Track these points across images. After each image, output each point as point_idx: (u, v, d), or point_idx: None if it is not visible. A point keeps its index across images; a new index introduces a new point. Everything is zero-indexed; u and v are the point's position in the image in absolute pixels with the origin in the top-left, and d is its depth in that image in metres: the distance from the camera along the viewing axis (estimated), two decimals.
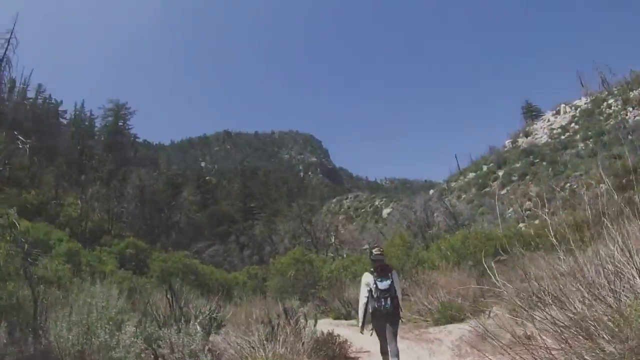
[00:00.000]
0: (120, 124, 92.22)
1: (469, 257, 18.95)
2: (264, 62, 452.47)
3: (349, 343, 10.73)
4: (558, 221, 23.91)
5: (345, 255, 35.90)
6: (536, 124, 61.12)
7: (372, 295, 7.84)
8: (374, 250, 8.48)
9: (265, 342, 8.24)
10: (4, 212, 8.54)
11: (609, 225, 5.62)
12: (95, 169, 61.24)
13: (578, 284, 5.30)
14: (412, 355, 10.14)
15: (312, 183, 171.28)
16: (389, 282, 7.83)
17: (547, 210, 26.74)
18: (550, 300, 5.59)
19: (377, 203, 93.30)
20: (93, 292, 7.91)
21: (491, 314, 10.42)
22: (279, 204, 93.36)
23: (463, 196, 53.40)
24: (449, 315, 12.78)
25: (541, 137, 55.43)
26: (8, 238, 7.87)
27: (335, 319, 19.35)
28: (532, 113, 72.56)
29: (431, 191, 61.98)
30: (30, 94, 76.73)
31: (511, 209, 40.84)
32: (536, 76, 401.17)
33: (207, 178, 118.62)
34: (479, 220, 38.03)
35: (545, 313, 5.38)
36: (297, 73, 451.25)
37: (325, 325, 16.17)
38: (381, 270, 7.97)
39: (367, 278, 8.01)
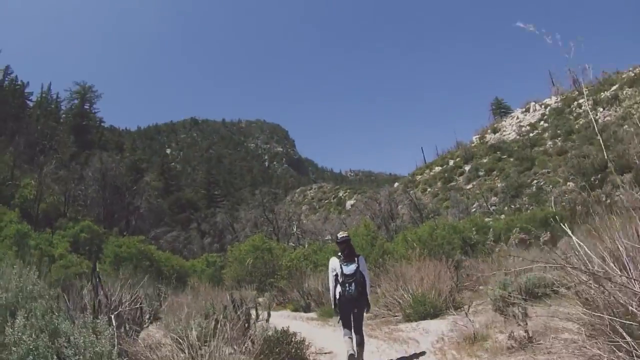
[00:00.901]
0: (86, 107, 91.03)
1: (436, 248, 18.00)
2: (232, 50, 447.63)
3: (307, 343, 8.70)
4: (528, 216, 23.21)
5: (306, 245, 34.87)
6: (505, 120, 60.89)
7: (337, 280, 7.75)
8: (339, 234, 8.37)
9: (200, 342, 6.57)
10: None
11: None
12: (55, 150, 59.66)
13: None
14: None
15: (277, 173, 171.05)
16: (354, 266, 7.66)
17: (514, 205, 26.25)
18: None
19: (341, 194, 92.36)
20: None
21: (469, 310, 9.51)
22: (242, 193, 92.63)
23: (428, 189, 53.01)
24: (422, 311, 11.30)
25: (509, 134, 55.16)
26: None
27: (293, 310, 18.24)
28: (501, 110, 72.09)
29: (396, 184, 61.34)
30: None
31: (476, 204, 40.35)
32: (506, 73, 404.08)
33: (171, 165, 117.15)
34: (444, 214, 37.55)
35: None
36: (265, 62, 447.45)
37: (282, 318, 15.10)
38: (348, 254, 7.83)
39: (334, 263, 7.93)
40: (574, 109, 49.13)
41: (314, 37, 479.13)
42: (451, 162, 55.92)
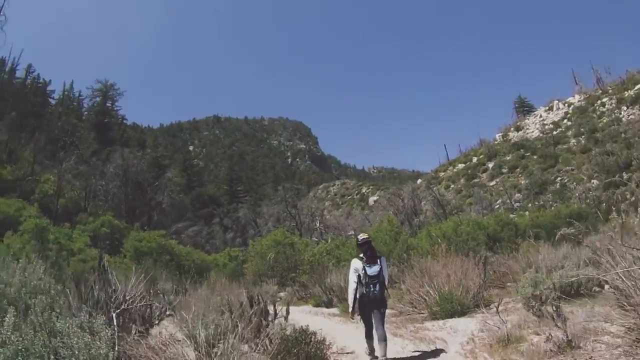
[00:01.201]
0: (108, 104, 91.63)
1: (461, 244, 17.94)
2: (255, 48, 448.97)
3: (328, 342, 8.21)
4: (553, 212, 22.67)
5: (329, 240, 34.58)
6: (528, 119, 60.66)
7: (360, 281, 7.75)
8: (359, 236, 8.52)
9: (214, 341, 6.27)
10: None
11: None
12: (76, 146, 59.91)
13: None
14: None
15: (300, 169, 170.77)
16: (377, 268, 7.76)
17: (537, 202, 25.74)
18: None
19: (364, 190, 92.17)
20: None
21: (499, 308, 8.80)
22: (265, 189, 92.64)
23: (452, 186, 52.66)
24: (449, 309, 10.87)
25: (532, 131, 54.88)
26: None
27: (315, 306, 17.95)
28: (524, 108, 71.77)
29: (419, 180, 61.03)
30: (20, 74, 75.93)
31: (500, 200, 39.95)
32: (530, 72, 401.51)
33: (194, 161, 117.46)
34: (467, 210, 37.28)
35: None
36: (288, 60, 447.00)
37: (303, 313, 14.89)
38: (370, 256, 7.90)
39: (356, 264, 7.95)
40: (597, 107, 48.76)
41: (336, 33, 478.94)
42: (474, 159, 55.52)
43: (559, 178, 39.75)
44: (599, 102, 49.10)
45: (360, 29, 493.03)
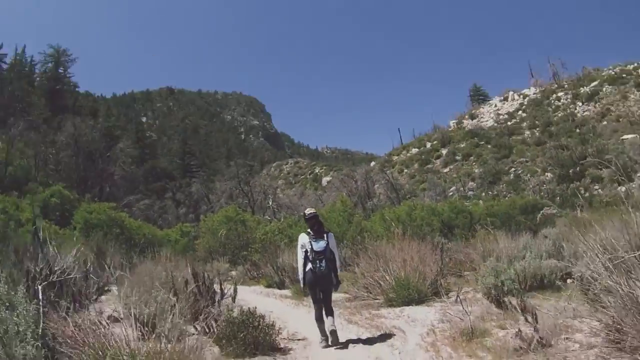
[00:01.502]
0: (60, 71, 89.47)
1: (415, 229, 17.79)
2: (212, 20, 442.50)
3: (278, 327, 7.89)
4: (508, 202, 22.82)
5: (282, 219, 34.29)
6: (483, 107, 61.30)
7: (307, 257, 7.77)
8: (306, 210, 8.51)
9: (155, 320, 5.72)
10: None
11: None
12: (26, 112, 58.49)
13: None
14: (368, 353, 7.24)
15: (253, 146, 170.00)
16: (324, 243, 7.75)
17: (491, 192, 25.91)
18: None
19: (317, 171, 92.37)
20: None
21: (458, 298, 8.90)
22: (218, 164, 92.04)
23: (405, 170, 52.75)
24: (406, 296, 10.35)
25: (487, 121, 55.56)
26: None
27: (267, 286, 17.40)
28: (479, 97, 72.89)
29: (372, 163, 61.16)
30: None
31: (454, 188, 40.27)
32: (486, 62, 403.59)
33: (147, 134, 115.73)
34: (421, 196, 37.41)
35: None
36: (245, 35, 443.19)
37: (254, 294, 14.69)
38: (317, 231, 7.90)
39: (303, 239, 7.98)
40: (552, 101, 49.90)
41: (294, 10, 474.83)
42: (428, 145, 55.76)
43: (512, 169, 40.38)
44: (554, 96, 50.28)
45: (321, 10, 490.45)
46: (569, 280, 9.55)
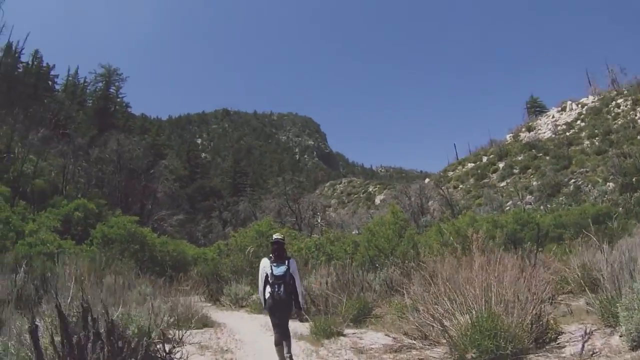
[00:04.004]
0: (112, 90, 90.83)
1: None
2: (267, 43, 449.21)
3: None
4: (579, 211, 21.14)
5: (321, 232, 33.10)
6: (540, 119, 61.11)
7: (267, 281, 7.76)
8: (275, 235, 8.42)
9: None
10: None
11: None
12: (72, 131, 59.79)
13: None
14: None
15: (307, 166, 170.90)
16: (284, 268, 7.74)
17: (550, 205, 24.35)
18: None
19: (370, 189, 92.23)
20: None
21: (585, 343, 6.19)
22: (269, 183, 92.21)
23: (460, 186, 52.65)
24: (490, 349, 6.31)
25: (545, 132, 55.06)
26: None
27: None
28: (536, 109, 71.91)
29: (427, 180, 60.49)
30: (26, 59, 75.35)
31: (510, 202, 39.25)
32: (542, 72, 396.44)
33: (201, 154, 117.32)
34: (477, 211, 36.25)
35: None
36: (300, 56, 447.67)
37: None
38: (278, 256, 7.89)
39: (264, 263, 7.99)
40: (612, 108, 49.04)
41: (348, 31, 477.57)
42: (484, 159, 55.42)
43: (572, 180, 39.33)
44: (613, 103, 49.40)
45: (372, 28, 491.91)
46: None
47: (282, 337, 7.60)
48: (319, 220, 50.67)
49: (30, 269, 10.71)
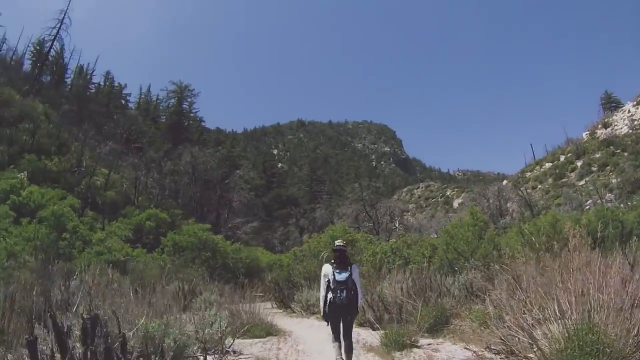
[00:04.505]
0: (185, 106, 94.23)
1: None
2: (339, 52, 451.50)
3: None
4: None
5: (399, 237, 33.01)
6: (616, 115, 59.07)
7: (329, 287, 7.81)
8: (337, 241, 8.47)
9: None
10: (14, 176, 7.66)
11: None
12: (148, 146, 62.03)
13: None
14: None
15: (384, 172, 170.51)
16: (346, 274, 7.78)
17: (631, 202, 24.04)
18: None
19: (448, 193, 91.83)
20: None
21: None
22: (346, 190, 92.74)
23: (539, 186, 51.79)
24: None
25: (621, 128, 53.64)
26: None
27: (359, 324, 12.87)
28: (611, 104, 70.29)
29: (504, 181, 60.04)
30: (97, 79, 79.66)
31: (590, 200, 38.67)
32: (616, 66, 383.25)
33: (278, 165, 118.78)
34: (556, 211, 36.13)
35: None
36: (372, 63, 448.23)
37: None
38: (340, 262, 7.92)
39: (326, 269, 8.03)
40: None
41: (420, 34, 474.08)
42: (562, 158, 54.43)
43: None
44: None
45: (444, 29, 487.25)
46: None
47: (345, 346, 7.65)
48: (397, 225, 50.83)
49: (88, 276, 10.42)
